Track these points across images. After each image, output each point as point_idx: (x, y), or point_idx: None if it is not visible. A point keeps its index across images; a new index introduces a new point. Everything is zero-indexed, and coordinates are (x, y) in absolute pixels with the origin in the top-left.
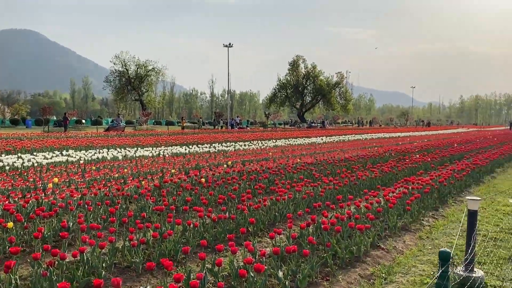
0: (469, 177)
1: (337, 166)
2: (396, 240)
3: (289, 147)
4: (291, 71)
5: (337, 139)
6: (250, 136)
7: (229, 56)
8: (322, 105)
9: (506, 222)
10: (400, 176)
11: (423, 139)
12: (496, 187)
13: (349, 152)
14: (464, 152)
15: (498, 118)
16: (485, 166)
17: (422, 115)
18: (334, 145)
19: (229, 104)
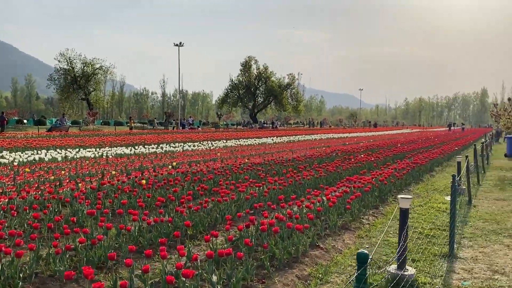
0: (410, 175)
1: (284, 166)
2: (336, 239)
3: (239, 147)
4: (243, 71)
5: (287, 139)
6: (200, 136)
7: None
8: (274, 106)
9: (440, 219)
10: (344, 175)
11: (369, 140)
12: (434, 185)
13: (298, 152)
14: (406, 152)
15: (440, 119)
16: (425, 165)
17: (370, 117)
18: (284, 145)
19: (180, 104)
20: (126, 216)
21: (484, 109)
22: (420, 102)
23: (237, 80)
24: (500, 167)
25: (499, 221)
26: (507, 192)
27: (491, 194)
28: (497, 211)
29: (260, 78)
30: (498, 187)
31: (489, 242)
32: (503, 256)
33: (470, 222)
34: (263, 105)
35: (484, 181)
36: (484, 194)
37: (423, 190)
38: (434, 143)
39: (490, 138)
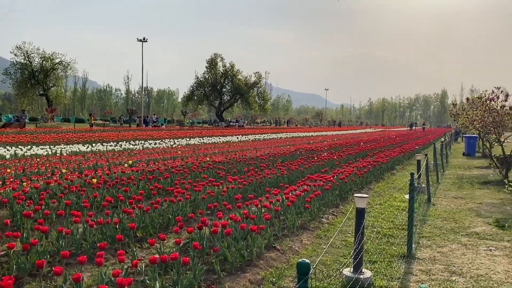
0: (371, 174)
1: (246, 165)
2: (294, 240)
3: (202, 145)
4: (209, 69)
5: (253, 138)
6: (163, 134)
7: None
8: (240, 104)
9: (399, 217)
10: (306, 173)
11: (333, 138)
12: (394, 184)
13: (262, 151)
14: (368, 150)
15: (402, 119)
16: (386, 163)
17: (335, 116)
18: (249, 144)
19: (142, 100)
20: (70, 218)
21: (444, 110)
22: (383, 102)
23: (203, 78)
24: (458, 165)
25: (457, 219)
26: (465, 190)
27: (450, 192)
28: (456, 210)
29: (227, 76)
30: (457, 185)
31: (447, 242)
32: (461, 256)
33: (429, 221)
34: (230, 103)
35: (443, 179)
36: (443, 192)
37: (383, 188)
38: (395, 142)
39: (449, 137)
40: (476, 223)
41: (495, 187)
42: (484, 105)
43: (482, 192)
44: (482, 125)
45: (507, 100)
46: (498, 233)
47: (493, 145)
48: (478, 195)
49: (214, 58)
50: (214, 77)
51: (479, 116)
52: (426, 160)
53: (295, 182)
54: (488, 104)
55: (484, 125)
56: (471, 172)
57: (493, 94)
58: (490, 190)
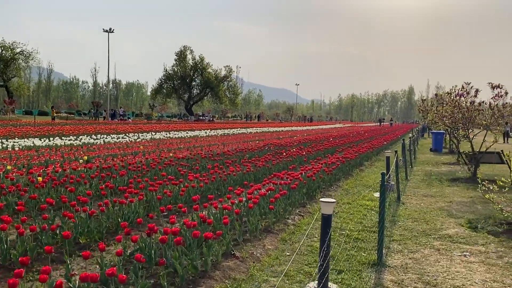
0: (339, 170)
1: (211, 161)
2: (256, 245)
3: (167, 140)
4: (178, 61)
5: (222, 132)
6: (128, 128)
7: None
8: (210, 98)
9: (369, 218)
10: (274, 170)
11: (303, 134)
12: (363, 181)
13: (229, 146)
14: (337, 146)
15: (370, 115)
16: (354, 159)
17: (306, 111)
18: (217, 138)
19: (109, 94)
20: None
21: (410, 106)
22: (352, 98)
23: (171, 70)
24: (426, 161)
25: (428, 220)
26: (434, 187)
27: (419, 190)
28: (426, 209)
29: (196, 69)
30: (426, 182)
31: (419, 246)
32: (434, 263)
33: (400, 222)
34: (199, 97)
35: (412, 176)
36: (413, 190)
37: (352, 186)
38: (364, 137)
39: (417, 133)
40: (448, 224)
41: (464, 185)
42: (454, 101)
43: (452, 189)
44: (452, 121)
45: (477, 96)
46: (472, 236)
47: (460, 141)
48: (448, 193)
49: (183, 51)
50: (183, 70)
51: (449, 112)
52: (395, 157)
53: (261, 179)
54: (457, 100)
55: (454, 121)
56: (439, 168)
57: (463, 89)
58: (460, 187)
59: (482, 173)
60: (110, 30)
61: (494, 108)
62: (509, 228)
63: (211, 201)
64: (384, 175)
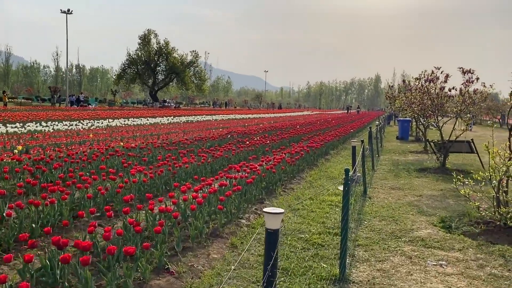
0: (303, 160)
1: (165, 151)
2: (199, 254)
3: (124, 128)
4: (142, 46)
5: (185, 119)
6: (84, 114)
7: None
8: (176, 84)
9: (332, 217)
10: (234, 161)
11: (270, 121)
12: (328, 172)
13: (190, 134)
14: (303, 134)
15: (338, 102)
16: (320, 148)
17: (275, 99)
18: (179, 126)
19: (67, 78)
20: None
21: (377, 94)
22: (320, 86)
23: (135, 55)
24: (393, 150)
25: (397, 219)
26: (402, 178)
27: (386, 181)
28: (394, 204)
29: (161, 53)
30: (393, 173)
31: (388, 252)
32: (406, 276)
33: (366, 221)
34: (164, 82)
35: (379, 165)
36: (380, 182)
37: (316, 177)
38: (331, 125)
39: (383, 121)
40: (420, 223)
41: (433, 175)
42: (423, 86)
43: (421, 181)
44: (421, 108)
45: (447, 81)
46: (446, 239)
47: (427, 128)
48: (416, 185)
49: (147, 34)
50: (147, 55)
51: (418, 99)
52: (362, 148)
53: (216, 172)
54: (427, 86)
55: (423, 108)
56: (406, 157)
57: (432, 75)
58: (429, 178)
59: (451, 163)
60: (69, 11)
61: (464, 94)
62: (486, 228)
63: (151, 201)
64: (348, 172)
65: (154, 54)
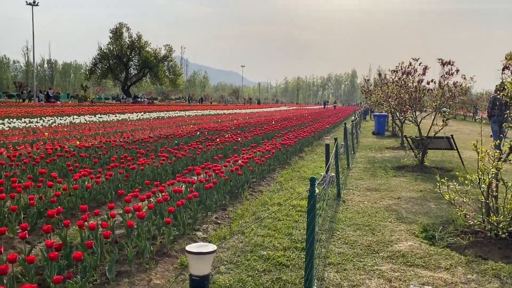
0: (275, 159)
1: (125, 150)
2: (136, 281)
3: (88, 125)
4: (114, 40)
5: (156, 115)
6: (48, 111)
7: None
8: (149, 79)
9: (301, 226)
10: (200, 161)
11: (246, 117)
12: (301, 171)
13: (158, 131)
14: (277, 130)
15: (315, 98)
16: (294, 145)
17: (253, 94)
18: (148, 122)
19: (34, 73)
20: None
21: (353, 89)
22: (298, 81)
23: (107, 49)
24: (369, 146)
25: (374, 227)
26: (378, 178)
27: (362, 181)
28: (371, 209)
29: (133, 47)
30: (369, 171)
31: (364, 273)
32: None
33: (339, 231)
34: (137, 77)
35: (355, 163)
36: (355, 182)
37: (288, 178)
38: (307, 120)
39: (359, 116)
40: (399, 233)
41: (411, 174)
42: (400, 79)
43: (399, 180)
44: (398, 103)
45: (425, 73)
46: (431, 253)
47: (403, 123)
48: (394, 185)
49: (119, 28)
50: (119, 49)
51: (395, 93)
52: (336, 146)
53: (174, 175)
54: (404, 79)
55: (400, 103)
56: (383, 154)
57: (410, 66)
58: (407, 178)
59: (429, 160)
60: (34, 3)
61: (444, 87)
62: (475, 239)
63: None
64: (313, 181)
65: (126, 48)
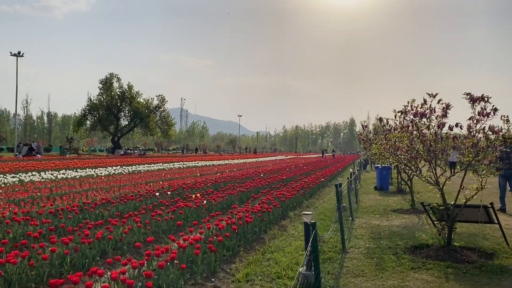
0: (242, 235)
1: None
2: None
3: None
4: (104, 90)
5: (134, 169)
6: (18, 165)
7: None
8: (140, 130)
9: None
10: (142, 238)
11: (233, 168)
12: (274, 257)
13: (112, 191)
14: (261, 187)
15: (314, 146)
16: (273, 211)
17: (252, 143)
18: (117, 179)
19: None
20: None
21: (352, 137)
22: (296, 130)
23: (97, 100)
24: (371, 207)
25: None
26: (388, 272)
27: (364, 281)
28: None
29: (124, 98)
30: (374, 258)
31: None
32: None
33: None
34: (128, 128)
35: (353, 239)
36: (352, 282)
37: (251, 273)
38: (301, 172)
39: (359, 166)
40: None
41: (437, 265)
42: (413, 124)
43: (421, 280)
44: (411, 156)
45: (447, 115)
46: None
47: (412, 177)
48: None
49: (109, 78)
50: (109, 100)
51: (405, 142)
52: (313, 234)
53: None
54: (417, 123)
55: (414, 157)
56: (390, 221)
57: (424, 106)
58: (432, 273)
59: (457, 234)
60: (19, 53)
61: (475, 134)
62: None
63: None
64: None
65: (117, 99)
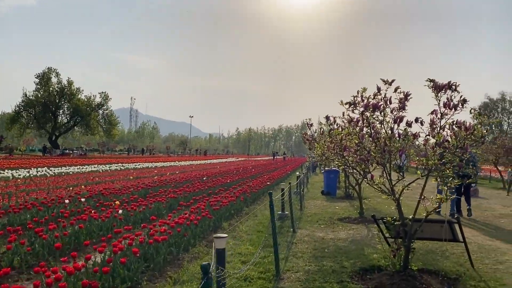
0: (167, 247)
1: None
2: None
3: None
4: (41, 85)
5: (61, 171)
6: None
7: None
8: (80, 128)
9: None
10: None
11: (176, 171)
12: (196, 277)
13: (23, 195)
14: (200, 191)
15: (267, 148)
16: (201, 222)
17: (204, 145)
18: (37, 181)
19: None
20: None
21: None
22: (249, 132)
23: (33, 96)
24: (316, 215)
25: None
26: None
27: None
28: None
29: (63, 94)
30: (316, 283)
31: None
32: None
33: None
34: (66, 127)
35: (291, 258)
36: None
37: None
38: (248, 174)
39: (307, 169)
40: None
41: None
42: (364, 118)
43: None
44: (361, 160)
45: (406, 106)
46: None
47: (361, 183)
48: None
49: (47, 73)
50: (47, 95)
51: (356, 142)
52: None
53: None
54: (368, 116)
55: (364, 159)
56: (335, 232)
57: (378, 95)
58: None
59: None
60: None
61: (441, 130)
62: None
63: None
64: None
65: (55, 95)
